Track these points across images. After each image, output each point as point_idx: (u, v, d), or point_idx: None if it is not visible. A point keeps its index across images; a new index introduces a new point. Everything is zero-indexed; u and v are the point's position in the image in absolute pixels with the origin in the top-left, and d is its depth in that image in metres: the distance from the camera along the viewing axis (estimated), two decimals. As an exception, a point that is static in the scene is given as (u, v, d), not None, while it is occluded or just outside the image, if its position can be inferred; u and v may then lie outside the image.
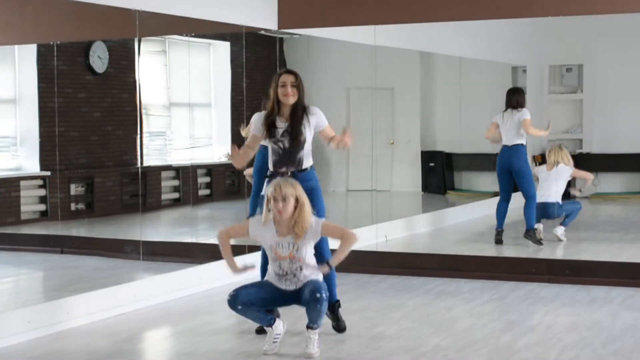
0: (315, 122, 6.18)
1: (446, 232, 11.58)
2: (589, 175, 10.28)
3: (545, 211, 10.21)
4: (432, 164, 14.66)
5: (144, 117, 10.88)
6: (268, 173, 6.25)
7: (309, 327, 5.77)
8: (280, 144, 6.13)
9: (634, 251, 9.78)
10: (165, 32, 10.74)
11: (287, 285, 5.82)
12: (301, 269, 5.76)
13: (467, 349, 6.00)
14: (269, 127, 6.14)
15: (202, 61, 12.59)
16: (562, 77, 14.82)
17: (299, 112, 6.12)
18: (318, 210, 5.99)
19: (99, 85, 11.42)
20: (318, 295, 5.67)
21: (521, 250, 10.02)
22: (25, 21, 8.75)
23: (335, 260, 5.83)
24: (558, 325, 6.68)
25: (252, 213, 10.59)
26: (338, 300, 6.42)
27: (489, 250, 9.97)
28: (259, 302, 5.78)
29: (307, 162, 6.21)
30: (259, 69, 11.85)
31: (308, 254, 5.81)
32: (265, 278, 5.98)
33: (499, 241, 10.08)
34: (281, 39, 12.25)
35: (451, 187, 14.77)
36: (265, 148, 6.47)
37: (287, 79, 6.11)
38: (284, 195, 5.66)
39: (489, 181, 14.42)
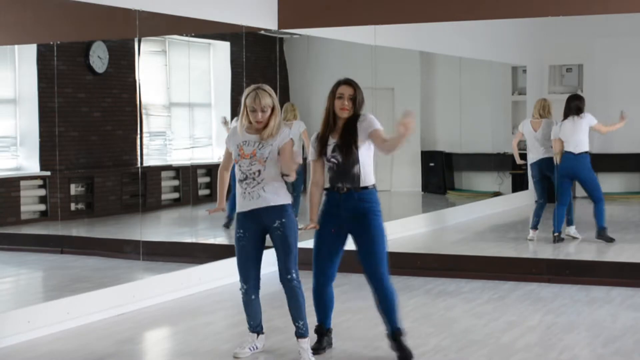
0: (365, 128, 5.69)
1: (446, 232, 11.58)
2: (556, 148, 10.26)
3: (547, 166, 10.26)
4: (432, 164, 14.66)
5: (144, 117, 10.88)
6: (326, 188, 5.83)
7: (297, 335, 5.76)
8: (334, 160, 5.73)
9: (634, 251, 9.79)
10: (165, 32, 10.74)
11: (250, 200, 5.67)
12: (259, 173, 5.64)
13: (467, 349, 6.00)
14: (321, 144, 5.76)
15: (202, 61, 12.58)
16: (562, 77, 14.81)
17: (352, 125, 5.69)
18: (378, 238, 5.69)
19: (99, 85, 11.41)
20: (289, 276, 5.68)
21: (521, 250, 10.02)
22: (25, 21, 8.75)
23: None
24: (558, 325, 6.69)
25: (230, 216, 10.65)
26: (399, 329, 5.78)
27: (489, 250, 9.97)
28: (255, 267, 5.77)
29: (368, 180, 5.74)
30: (259, 69, 11.84)
31: (272, 163, 5.65)
32: (237, 210, 5.79)
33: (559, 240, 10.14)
34: (281, 39, 12.25)
35: (451, 187, 14.77)
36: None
37: (346, 91, 5.74)
38: (263, 107, 5.61)
39: (489, 181, 14.42)
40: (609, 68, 14.58)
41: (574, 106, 10.10)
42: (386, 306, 5.73)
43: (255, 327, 5.91)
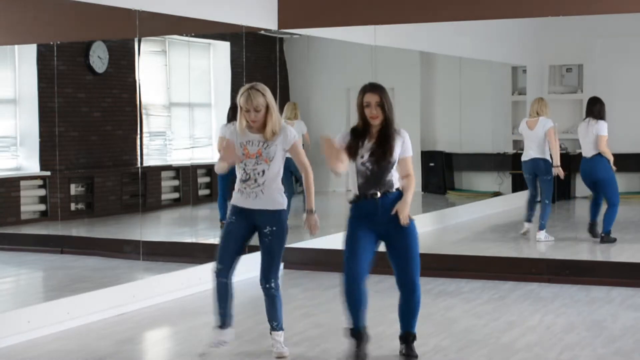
0: (400, 145, 5.62)
1: (446, 232, 11.58)
2: (554, 146, 10.20)
3: (536, 166, 10.23)
4: (432, 164, 14.66)
5: (144, 117, 10.89)
6: (353, 198, 5.65)
7: (272, 329, 5.82)
8: (368, 165, 5.57)
9: (634, 251, 9.79)
10: (165, 32, 10.74)
11: (246, 198, 5.69)
12: (263, 172, 5.66)
13: (467, 349, 6.00)
14: (354, 146, 5.57)
15: (202, 61, 12.60)
16: (562, 77, 14.81)
17: (388, 131, 5.58)
18: (414, 245, 5.65)
19: (99, 85, 11.42)
20: (268, 285, 5.72)
21: (521, 251, 10.03)
22: (25, 21, 8.75)
23: (311, 203, 5.73)
24: (558, 325, 6.69)
25: (223, 217, 10.65)
26: (414, 333, 5.78)
27: (489, 250, 9.97)
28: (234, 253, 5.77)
29: (397, 183, 5.66)
30: (259, 69, 11.85)
31: (276, 163, 5.68)
32: (232, 202, 5.80)
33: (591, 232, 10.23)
34: (281, 39, 12.26)
35: (451, 187, 14.77)
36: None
37: (372, 98, 5.59)
38: (256, 106, 5.61)
39: (489, 181, 14.43)
40: (609, 68, 14.58)
41: (596, 109, 10.07)
42: (410, 312, 5.71)
43: (224, 317, 5.81)
